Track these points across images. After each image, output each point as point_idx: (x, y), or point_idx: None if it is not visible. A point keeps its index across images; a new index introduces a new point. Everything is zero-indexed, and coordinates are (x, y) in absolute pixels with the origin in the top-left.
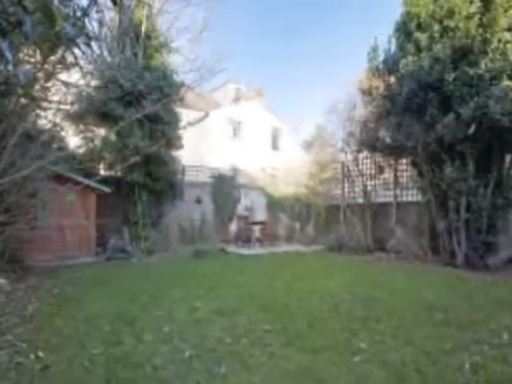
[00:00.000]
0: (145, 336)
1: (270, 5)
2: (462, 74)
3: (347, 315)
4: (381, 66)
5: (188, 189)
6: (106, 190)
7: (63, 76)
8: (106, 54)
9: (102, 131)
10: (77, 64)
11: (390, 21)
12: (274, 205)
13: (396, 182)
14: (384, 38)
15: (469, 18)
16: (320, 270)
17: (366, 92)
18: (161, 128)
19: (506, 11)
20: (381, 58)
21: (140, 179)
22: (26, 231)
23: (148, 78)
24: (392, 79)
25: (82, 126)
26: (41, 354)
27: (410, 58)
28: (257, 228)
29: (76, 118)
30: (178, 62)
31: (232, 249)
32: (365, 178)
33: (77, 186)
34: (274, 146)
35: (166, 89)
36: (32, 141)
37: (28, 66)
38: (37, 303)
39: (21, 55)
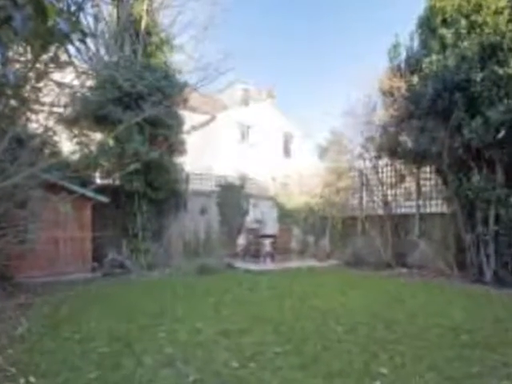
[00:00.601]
0: (145, 359)
1: (280, 2)
2: (491, 73)
3: (366, 336)
4: (402, 65)
5: (192, 198)
6: (103, 199)
7: (56, 76)
8: (102, 51)
9: (98, 136)
10: (71, 63)
11: (413, 16)
12: (286, 216)
13: (419, 192)
14: (406, 34)
15: (498, 12)
16: (336, 288)
17: (387, 93)
18: (162, 132)
19: None
20: (402, 56)
21: (140, 188)
22: (16, 245)
23: (148, 77)
24: (415, 79)
25: (76, 131)
26: (32, 379)
27: (435, 57)
28: (267, 242)
29: (70, 121)
30: (181, 60)
31: (240, 264)
32: (385, 187)
33: (71, 195)
34: (286, 152)
35: (168, 90)
36: (22, 146)
37: (18, 65)
38: (27, 323)
39: (10, 53)
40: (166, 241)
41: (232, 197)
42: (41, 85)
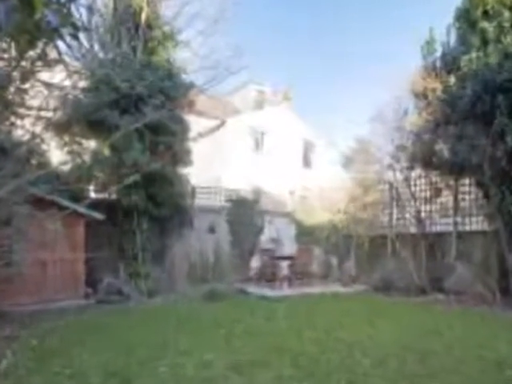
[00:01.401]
0: None
1: None
2: None
3: (395, 371)
4: (438, 63)
5: (199, 215)
6: (98, 216)
7: (44, 76)
8: (96, 48)
9: (92, 144)
10: (61, 61)
11: (450, 8)
12: (306, 235)
13: (456, 207)
14: (442, 28)
15: None
16: (363, 316)
17: (420, 95)
18: (165, 140)
19: None
20: (438, 53)
21: (139, 203)
22: (0, 268)
23: (149, 77)
24: (451, 79)
25: (67, 138)
26: None
27: (474, 54)
28: (284, 264)
29: (60, 127)
30: (187, 57)
31: (253, 289)
32: (418, 202)
33: (61, 211)
34: (306, 162)
35: (172, 91)
36: (6, 156)
37: (1, 64)
38: (13, 356)
39: None
40: (170, 263)
41: (244, 213)
42: (27, 86)
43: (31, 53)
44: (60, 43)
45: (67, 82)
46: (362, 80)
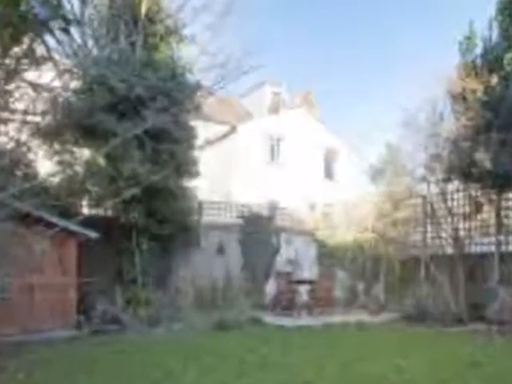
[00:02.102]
0: None
1: None
2: None
3: None
4: (478, 61)
5: (207, 234)
6: (92, 235)
7: (31, 75)
8: (90, 44)
9: (85, 153)
10: (50, 58)
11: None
12: (328, 256)
13: (499, 225)
14: (483, 22)
15: None
16: (392, 348)
17: (458, 97)
18: (168, 148)
19: None
20: (478, 49)
21: (139, 220)
22: None
23: (150, 77)
24: (494, 79)
25: (57, 146)
26: None
27: None
28: (303, 289)
29: (49, 133)
30: (193, 55)
31: (269, 318)
32: (455, 219)
33: (50, 229)
34: (328, 174)
35: (176, 93)
36: None
37: None
38: None
39: None
40: (173, 288)
41: (258, 231)
42: (11, 87)
43: (16, 49)
44: (49, 38)
45: (57, 83)
46: (390, 81)
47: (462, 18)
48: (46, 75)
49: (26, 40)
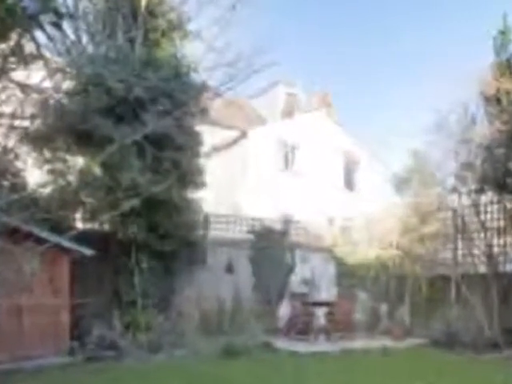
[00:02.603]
0: None
1: None
2: None
3: None
4: None
5: (214, 250)
6: (86, 251)
7: (19, 75)
8: (85, 40)
9: (79, 161)
10: (40, 56)
11: None
12: (348, 275)
13: None
14: None
15: None
16: (419, 377)
17: (492, 99)
18: (171, 156)
19: None
20: None
21: (139, 236)
22: None
23: (151, 77)
24: None
25: (48, 153)
26: None
27: None
28: (320, 312)
29: (39, 139)
30: (199, 52)
31: (282, 344)
32: (489, 234)
33: (40, 245)
34: (348, 184)
35: (179, 94)
36: None
37: None
38: None
39: None
40: (177, 311)
41: (270, 248)
42: None
43: (2, 46)
44: (39, 34)
45: (48, 83)
46: (416, 82)
47: (496, 11)
48: (35, 75)
49: (13, 36)
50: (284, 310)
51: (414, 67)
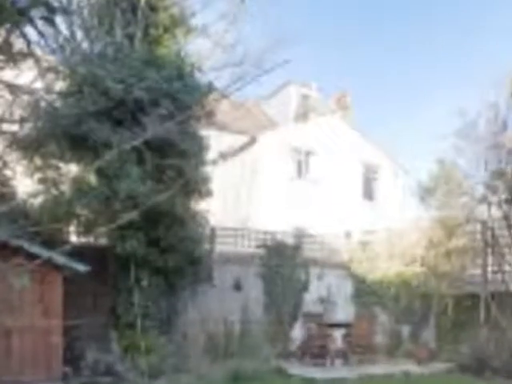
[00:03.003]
0: None
1: None
2: None
3: None
4: None
5: (221, 267)
6: (81, 268)
7: (8, 74)
8: (79, 36)
9: (73, 168)
10: (30, 54)
11: None
12: (367, 294)
13: None
14: None
15: None
16: None
17: None
18: (174, 163)
19: None
20: None
21: (139, 251)
22: None
23: (152, 77)
24: None
25: (39, 160)
26: None
27: None
28: (337, 334)
29: (29, 145)
30: (204, 50)
31: (296, 369)
32: None
33: (31, 261)
34: (368, 194)
35: (183, 96)
36: None
37: None
38: None
39: None
40: (181, 333)
41: (283, 264)
42: None
43: None
44: (29, 30)
45: (39, 83)
46: (442, 84)
47: None
48: (25, 74)
49: (1, 32)
50: (298, 332)
51: (442, 69)
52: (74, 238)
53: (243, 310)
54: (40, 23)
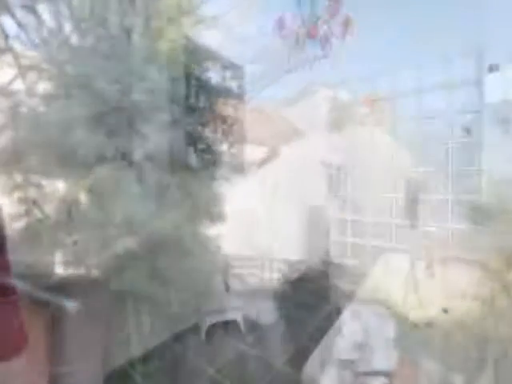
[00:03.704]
0: None
1: None
2: None
3: None
4: None
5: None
6: (69, 305)
7: None
8: (67, 29)
9: (59, 186)
10: (8, 49)
11: None
12: (411, 337)
13: None
14: None
15: None
16: None
17: None
18: (180, 180)
19: None
20: None
21: (138, 285)
22: None
23: (153, 77)
24: None
25: (18, 176)
26: None
27: None
28: None
29: (7, 158)
30: (216, 44)
31: None
32: None
33: (7, 297)
34: (409, 211)
35: (190, 99)
36: None
37: None
38: None
39: None
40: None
41: (309, 299)
42: None
43: None
44: (7, 21)
45: (19, 84)
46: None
47: None
48: (2, 73)
49: None
50: (328, 382)
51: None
52: (60, 270)
53: (261, 354)
54: (20, 13)
